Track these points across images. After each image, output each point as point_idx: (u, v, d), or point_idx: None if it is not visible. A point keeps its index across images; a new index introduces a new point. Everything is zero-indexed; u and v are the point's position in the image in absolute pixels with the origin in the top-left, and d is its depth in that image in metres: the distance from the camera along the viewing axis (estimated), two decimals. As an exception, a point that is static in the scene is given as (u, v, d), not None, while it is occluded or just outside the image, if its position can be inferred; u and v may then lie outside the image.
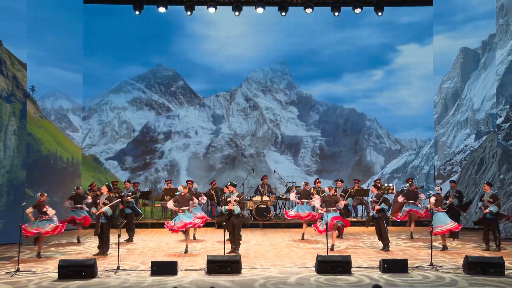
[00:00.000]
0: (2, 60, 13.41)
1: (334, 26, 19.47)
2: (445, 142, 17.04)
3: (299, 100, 20.74)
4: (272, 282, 8.36)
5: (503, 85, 14.14)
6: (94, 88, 19.34)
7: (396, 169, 19.99)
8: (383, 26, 18.79)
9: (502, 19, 14.25)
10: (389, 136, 20.32)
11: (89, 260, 8.99)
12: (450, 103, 17.31)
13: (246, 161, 20.05)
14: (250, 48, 19.98)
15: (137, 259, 10.50)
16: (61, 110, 16.69)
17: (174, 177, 18.91)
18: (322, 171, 19.85)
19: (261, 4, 16.38)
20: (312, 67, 19.97)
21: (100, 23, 18.62)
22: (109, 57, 19.38)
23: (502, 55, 14.27)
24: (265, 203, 15.62)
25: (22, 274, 9.04)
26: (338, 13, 16.60)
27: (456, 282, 8.36)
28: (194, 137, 20.33)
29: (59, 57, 15.96)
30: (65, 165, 15.86)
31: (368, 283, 8.10)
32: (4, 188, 12.96)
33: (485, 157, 15.63)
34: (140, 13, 16.61)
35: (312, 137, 20.48)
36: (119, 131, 20.05)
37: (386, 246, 11.29)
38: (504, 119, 13.85)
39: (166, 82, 20.90)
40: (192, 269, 9.33)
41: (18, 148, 13.37)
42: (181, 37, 19.72)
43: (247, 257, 10.59)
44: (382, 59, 19.60)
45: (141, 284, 8.21)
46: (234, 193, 11.00)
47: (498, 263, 8.92)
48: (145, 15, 17.05)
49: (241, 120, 20.62)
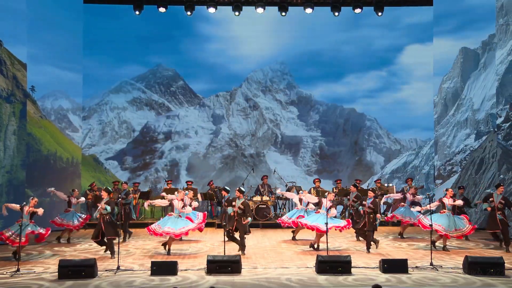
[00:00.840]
0: (2, 60, 13.41)
1: (334, 26, 19.47)
2: (445, 142, 17.04)
3: (299, 100, 20.74)
4: (272, 282, 8.36)
5: (503, 85, 14.15)
6: (94, 88, 19.33)
7: (396, 169, 19.99)
8: (383, 27, 18.79)
9: (502, 19, 14.26)
10: (389, 136, 20.31)
11: (89, 260, 8.99)
12: (450, 103, 17.31)
13: (246, 161, 20.06)
14: (250, 48, 19.99)
15: (137, 259, 10.50)
16: (61, 110, 16.69)
17: (174, 177, 18.91)
18: (322, 171, 19.85)
19: (261, 4, 16.38)
20: (312, 67, 19.98)
21: (100, 23, 18.61)
22: (109, 57, 19.38)
23: (502, 55, 14.28)
24: (265, 203, 15.63)
25: (22, 274, 9.05)
26: (338, 13, 16.60)
27: (456, 282, 8.36)
28: (194, 137, 20.33)
29: (59, 57, 15.96)
30: (65, 165, 15.86)
31: (368, 283, 8.09)
32: (4, 188, 12.97)
33: (485, 157, 15.64)
34: (140, 13, 16.60)
35: (312, 137, 20.48)
36: (119, 131, 20.04)
37: (368, 247, 11.18)
38: (504, 119, 13.85)
39: (166, 82, 20.89)
40: (192, 269, 9.34)
41: (18, 148, 13.37)
42: (181, 37, 19.72)
43: (247, 257, 10.59)
44: (382, 59, 19.60)
45: (141, 284, 8.21)
46: (240, 199, 10.99)
47: (498, 263, 8.92)
48: (145, 15, 17.04)
49: (241, 120, 20.62)
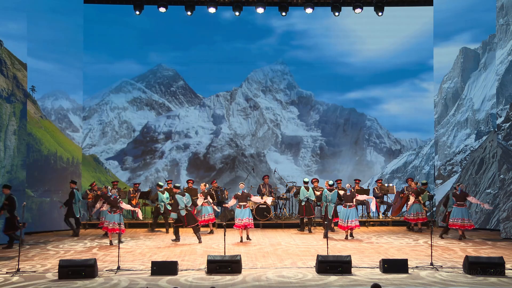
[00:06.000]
0: (2, 60, 13.41)
1: (335, 26, 19.47)
2: (445, 142, 17.03)
3: (299, 100, 20.73)
4: (272, 282, 8.36)
5: (503, 85, 14.14)
6: (95, 88, 19.34)
7: (396, 169, 19.98)
8: (383, 26, 18.74)
9: (502, 19, 14.25)
10: (389, 136, 20.31)
11: (89, 260, 9.00)
12: (450, 103, 17.30)
13: (246, 161, 20.05)
14: (250, 47, 19.99)
15: (137, 259, 10.50)
16: (61, 110, 16.69)
17: (174, 177, 18.91)
18: (322, 171, 19.85)
19: (261, 4, 16.39)
20: (312, 67, 19.96)
21: (101, 23, 18.61)
22: (109, 57, 19.38)
23: (502, 55, 14.27)
24: (265, 203, 15.62)
25: (22, 274, 9.06)
26: (338, 13, 16.63)
27: (456, 282, 8.36)
28: (194, 137, 20.33)
29: (59, 57, 15.95)
30: (65, 165, 15.86)
31: (368, 283, 8.09)
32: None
33: (485, 157, 15.63)
34: (140, 13, 16.61)
35: (312, 137, 20.47)
36: (119, 131, 20.05)
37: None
38: (504, 119, 13.84)
39: (166, 82, 20.89)
40: (192, 269, 9.34)
41: (18, 148, 13.37)
42: (181, 37, 19.70)
43: (247, 257, 10.59)
44: (382, 59, 19.57)
45: (141, 284, 8.22)
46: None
47: (498, 263, 8.92)
48: (145, 15, 17.05)
49: (241, 120, 20.61)
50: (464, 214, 12.87)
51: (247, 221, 12.79)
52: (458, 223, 12.82)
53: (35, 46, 14.87)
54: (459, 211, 12.88)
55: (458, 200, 12.94)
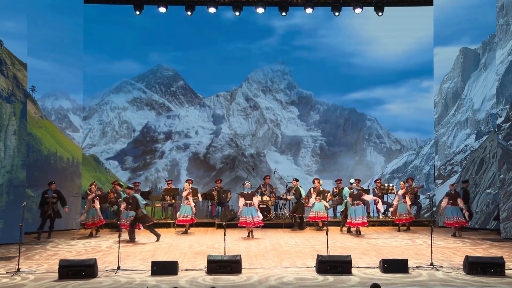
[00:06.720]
0: (2, 60, 13.41)
1: (335, 26, 19.48)
2: (445, 142, 17.03)
3: (300, 100, 20.74)
4: (273, 282, 8.36)
5: (503, 85, 14.14)
6: (95, 88, 19.37)
7: (396, 169, 19.99)
8: (383, 26, 18.75)
9: (502, 19, 14.25)
10: (389, 136, 20.32)
11: (89, 260, 8.99)
12: (451, 103, 17.30)
13: (246, 161, 20.05)
14: (250, 47, 20.00)
15: (137, 259, 10.50)
16: (61, 110, 16.69)
17: (174, 177, 18.92)
18: (323, 171, 19.85)
19: (261, 4, 16.39)
20: (312, 67, 19.97)
21: (101, 23, 18.63)
22: (109, 57, 19.40)
23: (502, 55, 14.26)
24: (265, 203, 15.63)
25: (22, 274, 9.05)
26: (339, 13, 16.62)
27: (456, 282, 8.36)
28: (194, 137, 20.33)
29: (60, 57, 15.95)
30: (65, 165, 15.86)
31: (369, 283, 8.09)
32: (4, 188, 12.96)
33: (485, 157, 15.63)
34: (140, 13, 16.61)
35: (312, 137, 20.48)
36: (119, 131, 20.05)
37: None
38: (504, 119, 13.84)
39: (167, 82, 20.90)
40: (193, 269, 9.34)
41: (18, 148, 13.36)
42: (181, 37, 19.71)
43: (247, 257, 10.59)
44: (382, 59, 19.59)
45: (141, 284, 8.22)
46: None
47: (498, 263, 8.92)
48: (145, 15, 17.05)
49: (241, 120, 20.62)
50: (457, 213, 13.44)
51: (257, 219, 13.21)
52: (454, 221, 13.41)
53: (35, 46, 14.87)
54: (453, 210, 13.45)
55: (451, 199, 13.46)
